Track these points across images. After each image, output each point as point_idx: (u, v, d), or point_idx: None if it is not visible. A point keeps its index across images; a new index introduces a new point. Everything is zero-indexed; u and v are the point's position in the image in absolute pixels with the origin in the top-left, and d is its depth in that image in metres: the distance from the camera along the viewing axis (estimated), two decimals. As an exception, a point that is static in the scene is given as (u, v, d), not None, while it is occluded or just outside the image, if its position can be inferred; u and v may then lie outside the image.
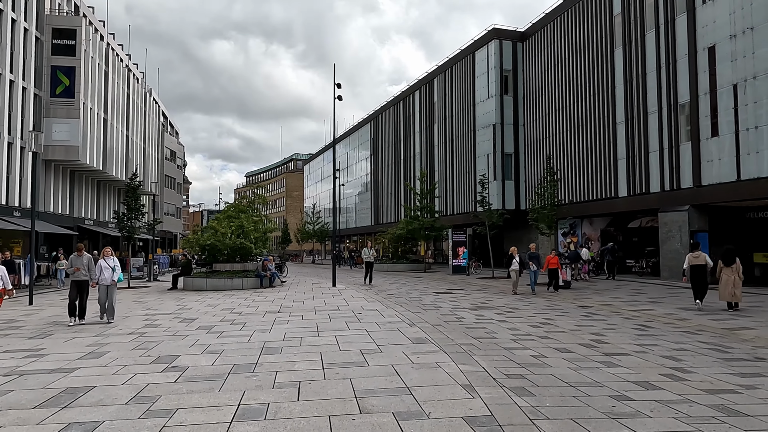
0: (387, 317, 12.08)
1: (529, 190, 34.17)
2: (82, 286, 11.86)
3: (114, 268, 12.20)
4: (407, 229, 34.91)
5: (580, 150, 29.45)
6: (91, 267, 11.97)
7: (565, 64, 30.84)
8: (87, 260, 11.95)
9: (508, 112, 34.85)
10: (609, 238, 29.28)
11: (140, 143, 45.03)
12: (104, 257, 12.35)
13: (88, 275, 11.90)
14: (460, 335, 9.93)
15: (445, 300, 16.57)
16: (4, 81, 25.84)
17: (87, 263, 11.92)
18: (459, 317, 12.46)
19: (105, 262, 12.23)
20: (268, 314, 13.09)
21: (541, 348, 8.71)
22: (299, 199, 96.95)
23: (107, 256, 12.36)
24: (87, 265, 11.91)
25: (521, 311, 13.65)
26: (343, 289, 20.20)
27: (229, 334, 10.27)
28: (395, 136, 51.55)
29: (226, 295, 18.74)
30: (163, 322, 12.13)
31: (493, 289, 20.66)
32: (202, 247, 22.26)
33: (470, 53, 37.82)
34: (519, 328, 10.77)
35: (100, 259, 12.38)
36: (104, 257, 12.35)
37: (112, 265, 12.23)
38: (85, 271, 11.87)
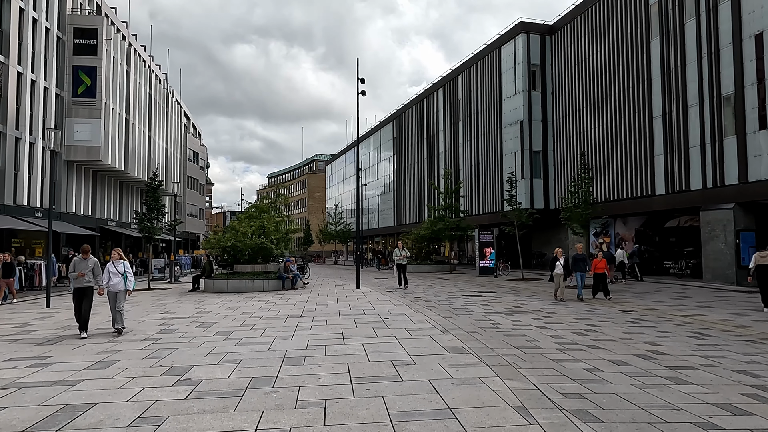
0: (417, 323, 11.23)
1: (558, 189, 32.98)
2: (84, 293, 10.53)
3: (125, 275, 10.79)
4: (432, 230, 33.98)
5: (614, 146, 28.20)
6: (97, 272, 10.75)
7: (597, 57, 29.61)
8: (93, 264, 10.67)
9: (536, 109, 33.69)
10: (644, 239, 27.98)
11: (162, 144, 44.93)
12: (112, 261, 10.91)
13: (93, 281, 10.64)
14: (500, 344, 9.04)
15: (476, 303, 15.65)
16: (25, 80, 25.66)
17: (93, 267, 10.66)
18: (495, 323, 11.55)
19: (113, 266, 10.78)
20: (290, 319, 12.35)
21: (593, 360, 7.77)
22: (321, 200, 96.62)
23: (116, 260, 10.89)
24: (93, 269, 10.66)
25: (560, 316, 12.68)
26: (367, 291, 19.40)
27: (248, 341, 9.54)
28: (418, 135, 50.64)
29: (247, 297, 18.10)
30: (179, 327, 11.47)
31: (524, 292, 19.66)
32: (223, 248, 21.68)
33: (496, 48, 36.74)
34: (563, 336, 9.83)
35: (108, 263, 10.98)
36: (112, 261, 10.91)
37: (122, 270, 10.79)
38: (90, 276, 10.61)
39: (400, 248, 21.33)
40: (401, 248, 21.34)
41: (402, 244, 21.84)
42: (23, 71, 25.48)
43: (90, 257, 10.81)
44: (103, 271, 10.92)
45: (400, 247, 21.41)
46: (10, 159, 24.56)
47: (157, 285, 25.69)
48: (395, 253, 21.60)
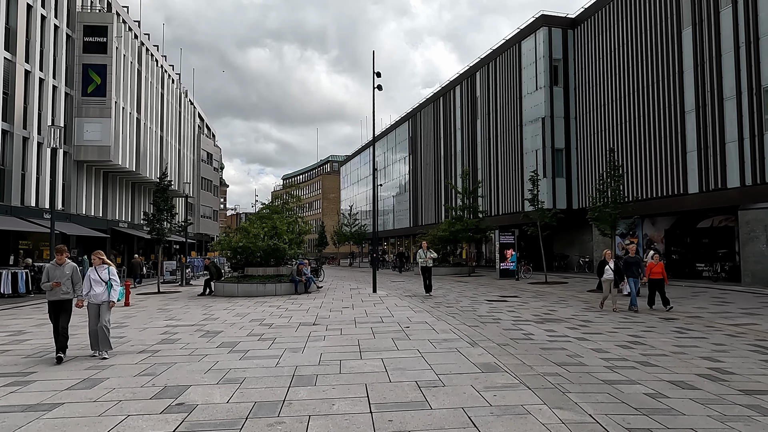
0: (441, 333, 10.20)
1: (582, 188, 31.70)
2: (62, 307, 8.61)
3: (110, 283, 8.82)
4: (450, 231, 32.89)
5: (642, 143, 26.90)
6: (76, 279, 8.76)
7: (623, 49, 28.32)
8: (70, 271, 8.71)
9: (559, 105, 32.44)
10: (674, 240, 26.63)
11: (175, 144, 44.37)
12: (94, 266, 8.95)
13: (70, 291, 8.67)
14: (538, 360, 7.97)
15: (502, 310, 14.56)
16: (33, 79, 25.09)
17: (71, 275, 8.69)
18: (527, 333, 10.46)
19: (96, 273, 8.83)
20: (302, 327, 11.38)
21: (651, 381, 6.68)
22: (335, 201, 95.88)
23: (98, 266, 8.94)
24: (70, 277, 8.69)
25: (597, 325, 11.55)
26: (384, 296, 18.39)
27: (254, 354, 8.59)
28: (435, 134, 49.54)
29: (258, 302, 17.20)
30: (182, 336, 10.56)
31: (550, 297, 18.51)
32: (234, 250, 20.82)
33: (516, 43, 35.55)
34: (607, 350, 8.73)
35: (89, 269, 9.01)
36: (94, 266, 8.95)
37: (105, 278, 8.82)
38: (68, 286, 8.62)
39: (424, 249, 18.20)
40: (426, 248, 18.26)
41: (426, 244, 18.84)
42: (31, 69, 24.91)
43: (67, 262, 8.81)
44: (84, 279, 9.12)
45: (425, 248, 18.25)
46: (17, 159, 23.99)
47: (167, 288, 24.96)
48: (419, 255, 18.50)
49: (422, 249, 18.48)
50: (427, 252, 18.33)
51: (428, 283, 18.62)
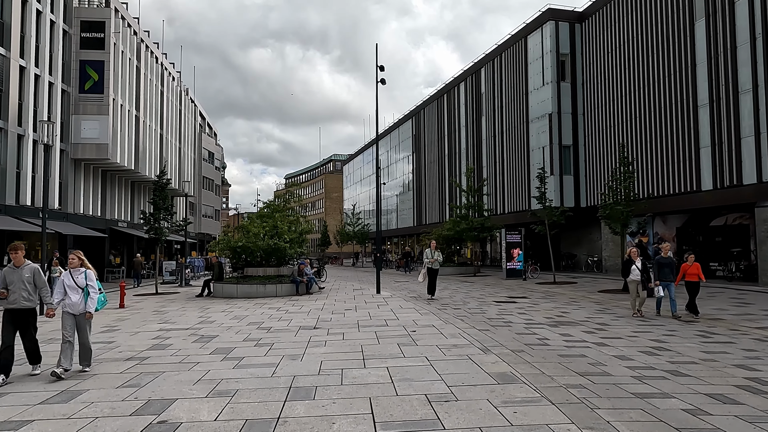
0: (449, 338, 9.55)
1: (590, 186, 30.99)
2: (23, 318, 7.16)
3: (86, 289, 7.46)
4: (455, 230, 32.21)
5: (653, 139, 26.18)
6: (40, 283, 7.30)
7: (633, 43, 27.60)
8: (30, 273, 7.22)
9: (566, 100, 31.73)
10: (686, 238, 25.91)
11: (175, 143, 43.78)
12: (69, 270, 7.60)
13: (33, 298, 7.21)
14: (558, 369, 7.31)
15: (512, 312, 13.90)
16: (28, 75, 24.50)
17: (32, 278, 7.23)
18: (541, 338, 9.80)
19: (71, 277, 7.45)
20: (302, 331, 10.75)
21: (687, 394, 6.02)
22: (338, 200, 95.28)
23: (74, 269, 7.57)
24: (32, 280, 7.22)
25: (615, 329, 10.89)
26: (389, 297, 17.74)
27: (250, 361, 7.96)
28: (439, 132, 48.85)
29: (258, 303, 16.57)
30: (174, 341, 9.93)
31: (561, 298, 17.84)
32: (233, 249, 20.19)
33: (522, 38, 34.85)
34: (631, 357, 8.06)
35: (64, 272, 7.68)
36: (69, 270, 7.60)
37: (82, 283, 7.45)
38: (29, 292, 7.15)
39: (432, 249, 16.91)
40: (434, 248, 16.99)
41: (435, 244, 17.54)
42: (26, 65, 24.33)
43: (26, 263, 7.28)
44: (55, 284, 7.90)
45: (433, 248, 16.97)
46: (12, 157, 23.41)
47: (166, 289, 24.37)
48: (426, 255, 17.14)
49: (429, 249, 17.08)
50: (435, 252, 16.92)
51: (433, 285, 17.25)
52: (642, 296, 12.85)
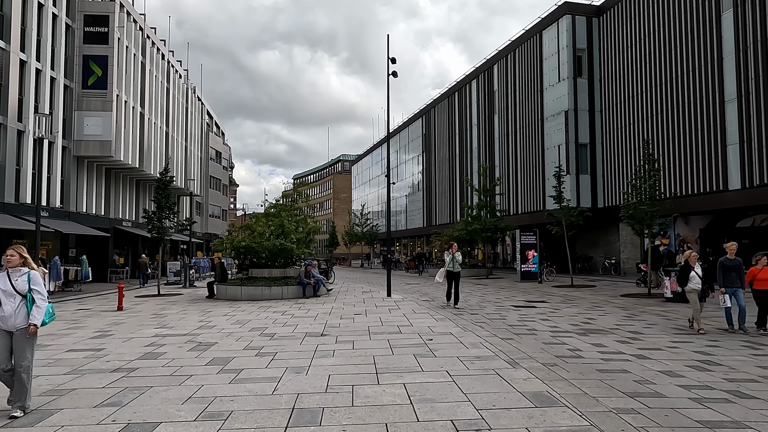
0: (471, 348, 8.63)
1: (609, 185, 29.92)
2: None
3: (30, 296, 5.53)
4: (467, 230, 31.25)
5: (676, 136, 25.11)
6: None
7: (654, 37, 26.53)
8: None
9: (583, 97, 30.69)
10: (710, 240, 24.80)
11: (182, 141, 43.08)
12: (6, 270, 5.62)
13: None
14: (601, 388, 6.36)
15: (534, 318, 12.94)
16: (29, 69, 23.84)
17: None
18: (573, 349, 8.85)
19: (7, 280, 5.51)
20: (309, 338, 9.87)
21: (763, 423, 5.06)
22: (347, 201, 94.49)
23: (12, 269, 5.59)
24: None
25: (650, 338, 9.92)
26: (400, 300, 16.83)
27: (249, 374, 7.09)
28: (450, 131, 47.87)
29: (262, 307, 15.72)
30: (169, 349, 9.08)
31: (582, 302, 16.85)
32: (237, 249, 19.36)
33: (536, 33, 33.84)
34: (680, 373, 7.11)
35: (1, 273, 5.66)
36: (6, 270, 5.62)
37: (23, 287, 5.52)
38: None
39: (453, 251, 15.13)
40: (455, 250, 15.17)
41: (456, 246, 15.60)
42: (27, 59, 23.66)
43: None
44: None
45: (454, 250, 15.17)
46: (11, 153, 22.73)
47: (169, 290, 23.61)
48: (446, 256, 15.44)
49: (450, 251, 15.20)
50: (457, 255, 15.07)
51: (455, 291, 15.08)
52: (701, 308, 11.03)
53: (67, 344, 9.85)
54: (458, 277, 15.15)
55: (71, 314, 15.00)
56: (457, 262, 15.00)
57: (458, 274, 15.15)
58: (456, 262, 14.91)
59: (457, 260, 14.94)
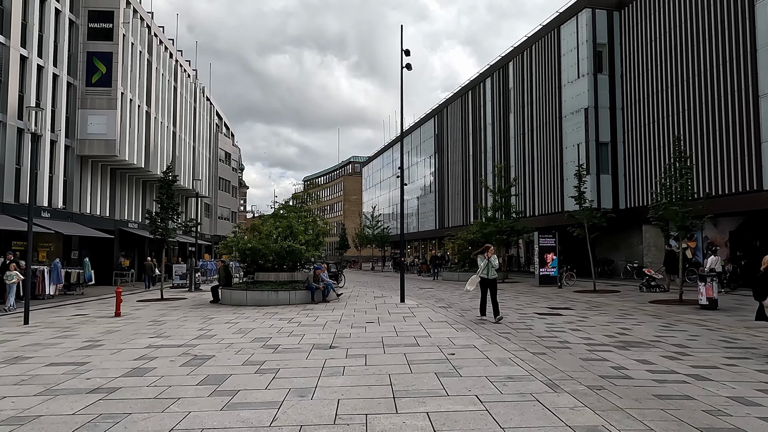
0: (500, 365, 7.57)
1: (631, 186, 28.66)
2: None
3: None
4: (482, 233, 30.11)
5: (703, 134, 23.85)
6: None
7: (680, 30, 25.29)
8: None
9: (603, 94, 29.45)
10: (741, 243, 23.50)
11: (190, 141, 42.33)
12: None
13: None
14: (670, 422, 5.27)
15: (563, 327, 11.82)
16: (30, 65, 23.10)
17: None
18: (617, 367, 7.74)
19: None
20: (316, 351, 8.85)
21: None
22: (357, 203, 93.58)
23: None
24: None
25: (699, 353, 8.79)
26: (414, 307, 15.78)
27: (245, 397, 6.09)
28: (463, 131, 46.74)
29: (268, 313, 14.75)
30: (159, 364, 8.11)
31: (609, 309, 15.70)
32: (242, 252, 18.41)
33: (554, 29, 32.67)
34: (755, 400, 6.00)
35: None
36: None
37: None
38: None
39: (489, 255, 12.91)
40: (490, 254, 12.97)
41: (493, 249, 13.34)
42: (28, 55, 22.94)
43: None
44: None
45: (490, 254, 12.95)
46: (11, 152, 21.98)
47: (173, 294, 22.74)
48: (480, 262, 13.10)
49: (484, 254, 13.00)
50: (493, 259, 12.93)
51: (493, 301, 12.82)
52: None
53: (50, 356, 8.91)
54: (495, 285, 12.93)
55: (65, 320, 14.11)
56: (494, 268, 12.85)
57: (494, 282, 12.91)
58: (492, 267, 12.81)
59: (493, 265, 12.82)
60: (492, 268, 12.77)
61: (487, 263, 12.78)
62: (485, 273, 12.79)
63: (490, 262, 12.79)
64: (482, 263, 12.91)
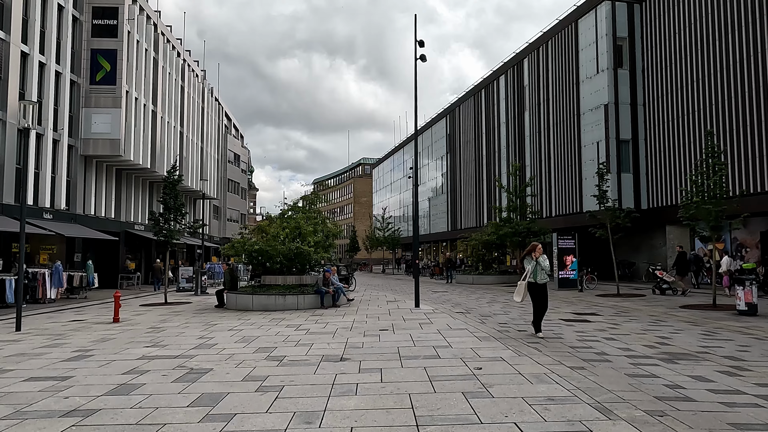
0: (535, 382, 6.60)
1: (653, 185, 27.48)
2: None
3: None
4: (498, 234, 29.10)
5: (733, 129, 22.69)
6: None
7: (707, 21, 24.15)
8: None
9: (624, 90, 28.31)
10: (773, 244, 22.30)
11: (197, 142, 41.64)
12: None
13: None
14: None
15: (595, 336, 10.80)
16: (32, 62, 22.45)
17: None
18: (672, 385, 6.73)
19: None
20: (325, 365, 7.93)
21: None
22: (367, 205, 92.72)
23: None
24: None
25: (759, 368, 7.76)
26: (430, 312, 14.81)
27: (243, 423, 5.20)
28: (476, 130, 45.70)
29: (274, 319, 13.86)
30: (150, 379, 7.23)
31: (638, 314, 14.66)
32: (249, 254, 17.54)
33: (571, 23, 31.59)
34: None
35: None
36: None
37: None
38: None
39: (537, 255, 10.76)
40: (539, 254, 10.80)
41: (541, 249, 11.01)
42: (29, 51, 22.28)
43: None
44: None
45: (538, 254, 10.77)
46: (11, 151, 21.33)
47: (179, 298, 21.96)
48: (526, 263, 10.93)
49: (533, 255, 10.81)
50: (542, 261, 10.71)
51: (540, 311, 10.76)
52: None
53: (31, 369, 8.06)
54: (545, 292, 10.78)
55: (60, 327, 13.31)
56: (545, 271, 10.72)
57: (545, 289, 10.78)
58: (543, 271, 10.70)
59: (543, 268, 10.68)
60: (542, 271, 10.70)
61: (536, 265, 10.69)
62: (533, 277, 10.70)
63: (539, 264, 10.67)
64: (530, 265, 10.82)
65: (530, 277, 10.74)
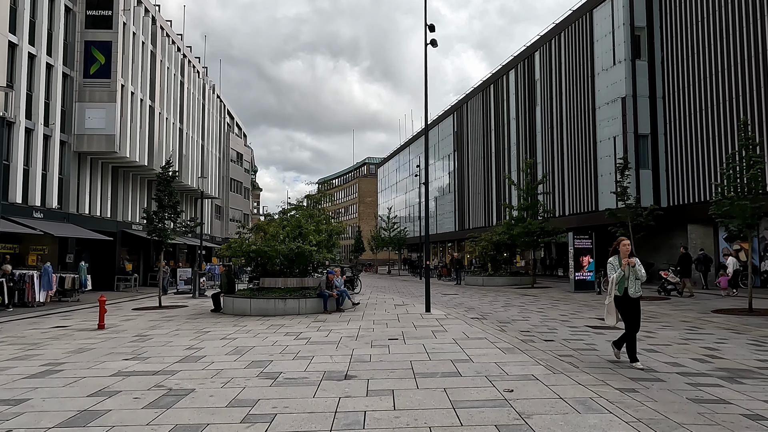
0: (583, 411, 5.38)
1: (674, 181, 26.15)
2: None
3: None
4: (509, 234, 27.85)
5: (762, 123, 21.36)
6: None
7: (732, 7, 22.82)
8: None
9: (642, 82, 26.99)
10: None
11: (198, 140, 40.51)
12: None
13: None
14: None
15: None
16: (21, 53, 21.38)
17: None
18: (752, 416, 5.52)
19: None
20: (327, 384, 6.73)
21: None
22: (372, 205, 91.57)
23: None
24: None
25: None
26: (443, 318, 13.59)
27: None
28: (485, 127, 44.42)
29: (273, 325, 12.68)
30: (119, 403, 6.06)
31: (669, 320, 13.42)
32: (247, 255, 16.37)
33: (585, 13, 30.30)
34: None
35: None
36: None
37: None
38: None
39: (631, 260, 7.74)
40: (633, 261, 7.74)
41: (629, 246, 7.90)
42: (18, 42, 21.22)
43: None
44: None
45: (625, 253, 7.84)
46: (-2, 146, 20.19)
47: (175, 301, 20.82)
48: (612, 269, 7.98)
49: (621, 256, 7.92)
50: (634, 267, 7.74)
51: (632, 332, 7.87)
52: None
53: None
54: (638, 307, 7.92)
55: (39, 334, 12.17)
56: (639, 281, 7.83)
57: (638, 304, 7.92)
58: (637, 280, 7.83)
59: (638, 276, 7.80)
60: (638, 281, 7.82)
61: (629, 273, 7.77)
62: (619, 289, 7.88)
63: (635, 272, 7.76)
64: (616, 273, 7.88)
65: (616, 289, 7.89)
